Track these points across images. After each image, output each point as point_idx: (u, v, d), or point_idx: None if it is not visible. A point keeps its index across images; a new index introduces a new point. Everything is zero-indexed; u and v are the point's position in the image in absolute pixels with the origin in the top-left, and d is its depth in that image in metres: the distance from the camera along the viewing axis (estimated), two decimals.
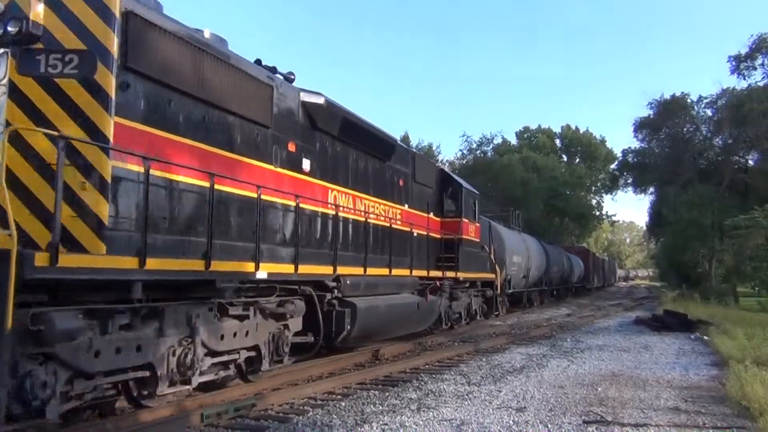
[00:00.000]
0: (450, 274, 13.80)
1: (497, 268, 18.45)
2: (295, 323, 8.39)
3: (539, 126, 69.42)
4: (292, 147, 8.42)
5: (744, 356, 9.70)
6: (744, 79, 33.49)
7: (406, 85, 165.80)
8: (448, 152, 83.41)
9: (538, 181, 53.02)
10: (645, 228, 58.20)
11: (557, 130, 69.43)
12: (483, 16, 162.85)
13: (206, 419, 6.08)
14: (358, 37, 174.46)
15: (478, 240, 16.41)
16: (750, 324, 15.30)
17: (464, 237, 14.93)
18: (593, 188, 66.27)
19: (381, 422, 6.23)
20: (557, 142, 69.17)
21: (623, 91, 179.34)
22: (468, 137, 61.64)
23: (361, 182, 10.58)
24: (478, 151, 60.02)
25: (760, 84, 32.48)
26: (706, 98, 35.33)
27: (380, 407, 6.98)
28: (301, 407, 7.01)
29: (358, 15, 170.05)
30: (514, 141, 66.66)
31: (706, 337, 14.29)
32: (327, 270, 8.90)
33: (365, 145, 10.63)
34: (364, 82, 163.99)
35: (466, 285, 15.64)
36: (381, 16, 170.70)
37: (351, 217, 10.05)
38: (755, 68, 33.04)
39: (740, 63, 33.25)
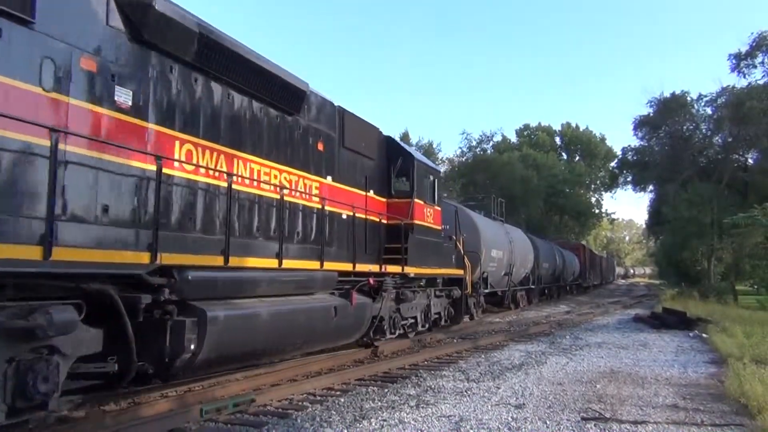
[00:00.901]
0: (392, 268, 10.71)
1: (467, 262, 15.25)
2: (79, 343, 5.04)
3: (539, 123, 69.82)
4: (88, 64, 5.38)
5: (743, 354, 9.72)
6: (744, 77, 33.56)
7: (407, 83, 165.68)
8: (449, 150, 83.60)
9: (538, 178, 53.08)
10: (644, 226, 58.28)
11: (557, 127, 69.84)
12: (483, 13, 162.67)
13: (205, 414, 6.09)
14: (357, 34, 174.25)
15: (438, 227, 13.25)
16: (749, 322, 15.37)
17: (417, 222, 11.78)
18: (593, 186, 66.49)
19: (380, 418, 6.24)
20: (557, 139, 69.38)
21: (623, 90, 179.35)
22: (468, 135, 61.92)
23: (245, 137, 7.37)
24: (478, 149, 60.15)
25: (760, 82, 32.49)
26: (706, 96, 35.37)
27: (379, 403, 7.00)
28: (300, 403, 7.04)
29: (357, 12, 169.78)
30: (514, 139, 66.98)
31: (704, 335, 14.30)
32: (136, 258, 5.57)
33: (253, 87, 7.49)
34: (364, 80, 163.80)
35: (422, 283, 12.58)
36: (380, 14, 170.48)
37: (200, 180, 6.61)
38: (755, 66, 33.06)
39: (740, 61, 33.25)
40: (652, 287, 56.44)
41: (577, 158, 67.84)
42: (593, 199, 66.21)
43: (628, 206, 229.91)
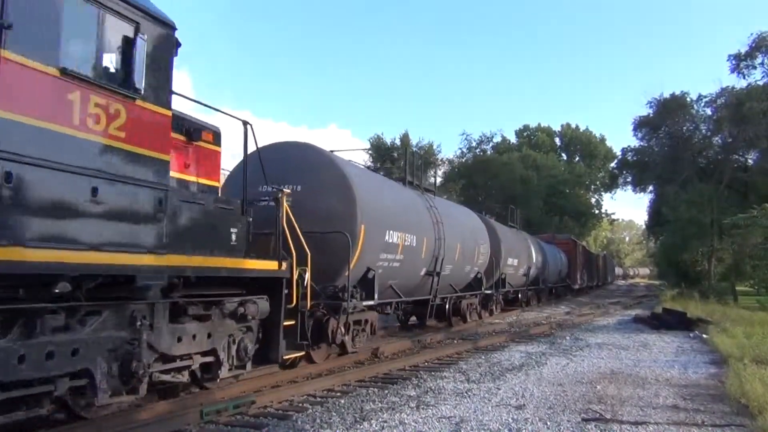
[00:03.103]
0: None
1: (294, 243, 7.56)
2: None
3: (539, 124, 70.06)
4: None
5: (743, 354, 9.72)
6: (744, 78, 33.57)
7: (406, 84, 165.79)
8: (449, 151, 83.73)
9: (538, 179, 53.12)
10: (644, 226, 58.26)
11: (557, 128, 70.09)
12: (483, 14, 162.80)
13: (206, 416, 6.09)
14: (357, 36, 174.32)
15: (153, 155, 5.19)
16: (749, 322, 15.37)
17: (12, 118, 3.97)
18: (592, 187, 66.57)
19: (380, 419, 6.24)
20: (557, 140, 69.59)
21: (623, 90, 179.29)
22: (468, 136, 61.68)
23: None
24: (478, 150, 60.09)
25: (760, 83, 32.53)
26: (705, 97, 35.35)
27: (379, 404, 6.99)
28: (300, 404, 7.04)
29: (358, 14, 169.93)
30: (513, 139, 67.14)
31: (705, 336, 14.30)
32: None
33: None
34: (364, 82, 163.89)
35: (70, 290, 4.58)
36: (380, 16, 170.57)
37: None
38: (755, 67, 33.10)
39: (740, 62, 33.28)
40: (652, 288, 56.41)
41: (577, 159, 67.98)
42: (593, 200, 66.33)
43: (627, 207, 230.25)
